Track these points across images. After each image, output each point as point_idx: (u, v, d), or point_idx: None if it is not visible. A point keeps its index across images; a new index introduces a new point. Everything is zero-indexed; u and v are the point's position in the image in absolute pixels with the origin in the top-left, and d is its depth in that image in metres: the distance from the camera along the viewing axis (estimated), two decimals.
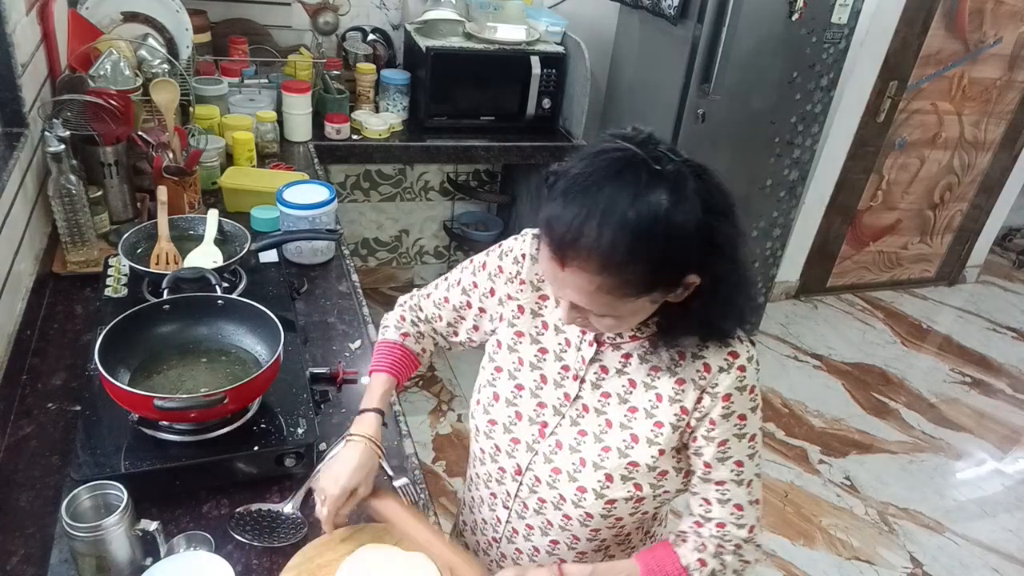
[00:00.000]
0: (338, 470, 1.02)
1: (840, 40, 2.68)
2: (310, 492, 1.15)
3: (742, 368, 0.91)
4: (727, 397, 0.91)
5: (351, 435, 1.06)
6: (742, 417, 0.93)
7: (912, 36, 3.31)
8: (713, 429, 0.93)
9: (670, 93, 2.65)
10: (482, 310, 1.10)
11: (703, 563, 0.96)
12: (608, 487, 0.97)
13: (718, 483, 0.96)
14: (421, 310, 1.18)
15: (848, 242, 3.92)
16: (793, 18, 2.54)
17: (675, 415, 0.94)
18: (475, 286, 1.10)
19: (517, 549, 1.13)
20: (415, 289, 1.22)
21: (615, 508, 0.98)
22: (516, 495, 1.07)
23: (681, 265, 0.82)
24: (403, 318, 1.19)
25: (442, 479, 2.53)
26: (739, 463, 0.95)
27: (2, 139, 1.50)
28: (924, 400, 3.34)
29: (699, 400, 0.92)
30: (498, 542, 1.16)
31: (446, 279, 1.16)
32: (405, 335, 1.18)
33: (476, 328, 1.13)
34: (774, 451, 2.90)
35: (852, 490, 2.77)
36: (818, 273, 3.96)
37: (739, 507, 0.96)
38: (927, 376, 3.52)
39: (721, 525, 0.96)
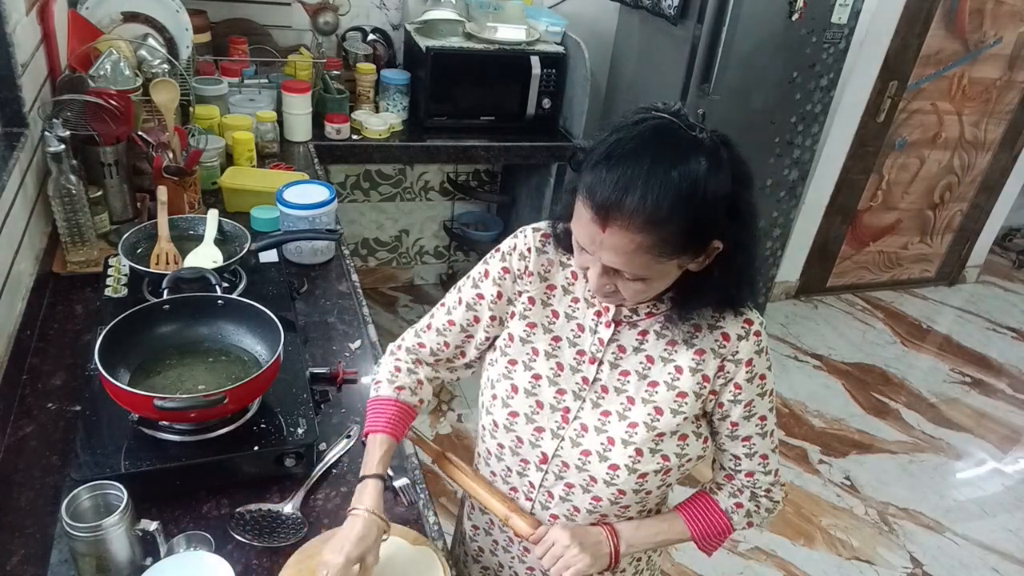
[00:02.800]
0: (341, 540, 0.96)
1: (840, 40, 2.68)
2: (310, 492, 1.15)
3: (757, 333, 0.98)
4: (749, 362, 0.98)
5: (353, 509, 0.99)
6: (762, 377, 1.00)
7: (912, 36, 3.31)
8: (739, 393, 0.99)
9: (670, 93, 2.64)
10: (493, 318, 1.08)
11: (739, 505, 1.08)
12: (639, 461, 1.00)
13: (745, 439, 1.03)
14: (422, 347, 1.15)
15: (848, 242, 3.92)
16: (793, 18, 2.54)
17: (697, 383, 0.98)
18: (480, 298, 1.08)
19: None
20: (406, 331, 1.17)
21: (646, 481, 1.02)
22: (540, 485, 1.07)
23: (711, 229, 0.86)
24: (398, 369, 1.14)
25: (442, 479, 2.53)
26: (762, 418, 1.02)
27: (2, 139, 1.50)
28: (924, 400, 3.34)
29: (721, 368, 0.98)
30: (520, 537, 1.12)
31: (443, 304, 1.13)
32: (400, 388, 1.11)
33: (487, 339, 1.11)
34: None
35: (852, 490, 2.77)
36: (818, 273, 3.96)
37: (764, 456, 1.05)
38: (927, 376, 3.52)
39: (750, 475, 1.06)
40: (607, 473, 1.01)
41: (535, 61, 2.68)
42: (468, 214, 3.48)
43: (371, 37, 2.83)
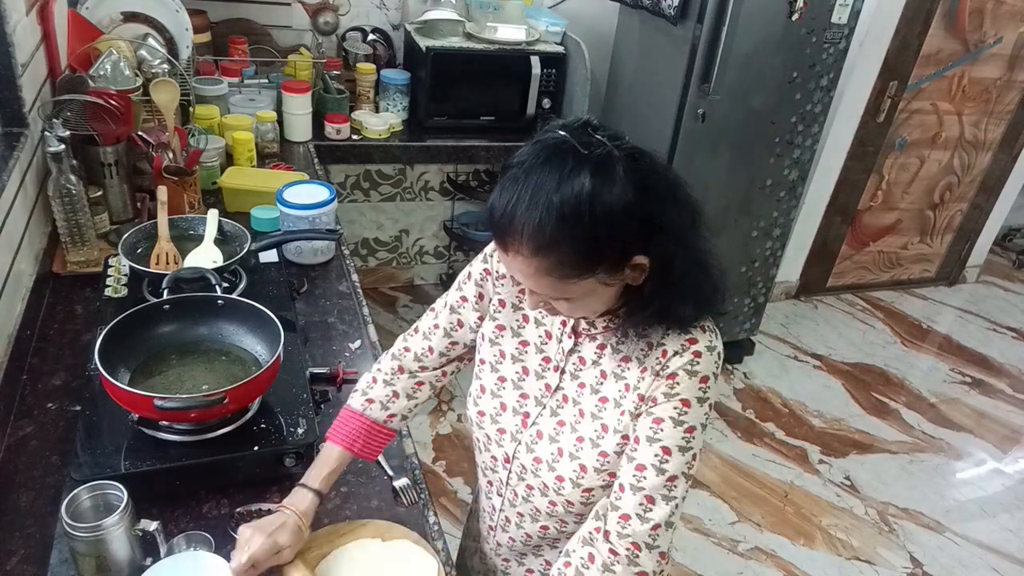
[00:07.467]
0: (267, 526, 0.98)
1: (840, 40, 2.68)
2: None
3: (697, 354, 0.89)
4: (672, 376, 0.89)
5: (282, 505, 1.02)
6: (685, 403, 0.89)
7: (912, 36, 3.30)
8: (654, 406, 0.90)
9: (670, 93, 2.64)
10: (481, 318, 1.09)
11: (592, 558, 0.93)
12: (583, 477, 0.97)
13: (638, 466, 0.90)
14: (407, 351, 1.15)
15: (848, 242, 3.92)
16: (793, 18, 2.54)
17: (633, 402, 0.92)
18: (464, 300, 1.09)
19: (511, 537, 1.15)
20: (403, 334, 1.18)
21: (593, 496, 0.98)
22: (507, 483, 1.09)
23: (618, 245, 0.81)
24: (375, 380, 1.15)
25: (442, 479, 2.53)
26: (666, 450, 0.89)
27: (2, 139, 1.50)
28: (924, 400, 3.34)
29: (652, 384, 0.91)
30: (494, 530, 1.18)
31: (433, 309, 1.14)
32: (369, 401, 1.13)
33: (474, 342, 1.12)
34: (774, 451, 2.90)
35: (852, 490, 2.77)
36: (818, 273, 3.96)
37: (650, 499, 0.89)
38: (927, 376, 3.52)
39: (625, 518, 0.90)
40: (554, 483, 1.00)
41: (535, 61, 2.68)
42: (468, 214, 3.47)
43: (371, 37, 2.83)
